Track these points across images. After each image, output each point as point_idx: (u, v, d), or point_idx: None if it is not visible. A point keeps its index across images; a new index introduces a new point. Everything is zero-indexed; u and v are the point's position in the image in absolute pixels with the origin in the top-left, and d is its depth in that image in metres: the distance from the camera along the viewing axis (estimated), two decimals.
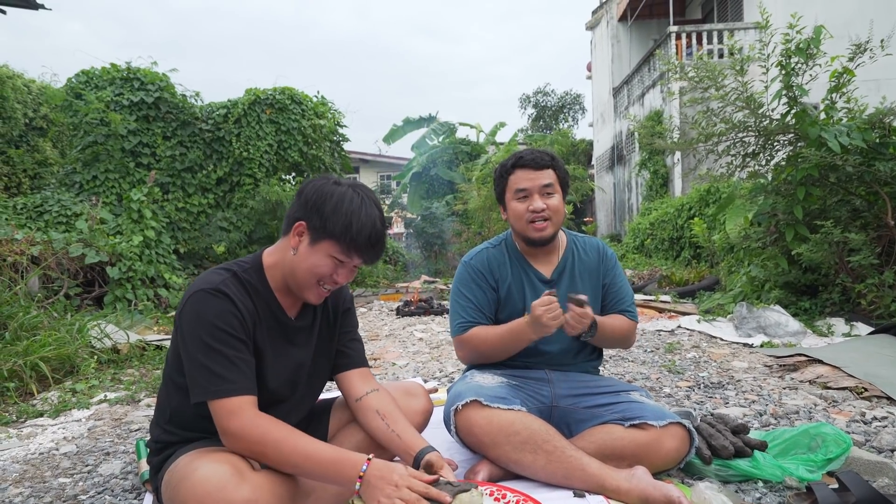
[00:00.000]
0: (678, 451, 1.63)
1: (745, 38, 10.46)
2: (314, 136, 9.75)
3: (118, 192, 8.28)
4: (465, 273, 1.95)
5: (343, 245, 1.34)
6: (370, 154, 22.30)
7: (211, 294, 1.33)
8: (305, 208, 1.37)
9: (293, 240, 1.39)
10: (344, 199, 1.35)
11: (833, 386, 2.76)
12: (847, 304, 4.43)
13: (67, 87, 8.64)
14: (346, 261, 1.38)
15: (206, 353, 1.29)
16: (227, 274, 1.39)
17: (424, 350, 4.23)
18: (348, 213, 1.33)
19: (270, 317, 1.44)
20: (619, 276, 2.00)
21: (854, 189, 4.35)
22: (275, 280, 1.45)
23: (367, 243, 1.35)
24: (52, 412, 2.79)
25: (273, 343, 1.44)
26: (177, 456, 1.34)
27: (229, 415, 1.28)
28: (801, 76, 4.40)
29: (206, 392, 1.29)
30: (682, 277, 7.52)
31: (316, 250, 1.36)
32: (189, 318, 1.32)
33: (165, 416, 1.44)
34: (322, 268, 1.37)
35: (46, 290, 5.16)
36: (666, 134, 6.42)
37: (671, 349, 3.86)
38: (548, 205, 1.84)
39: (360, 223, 1.33)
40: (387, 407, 1.51)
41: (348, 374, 1.59)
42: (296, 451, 1.28)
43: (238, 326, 1.33)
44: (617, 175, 15.91)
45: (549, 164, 1.87)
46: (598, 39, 18.37)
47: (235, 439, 1.29)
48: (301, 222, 1.37)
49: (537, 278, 1.94)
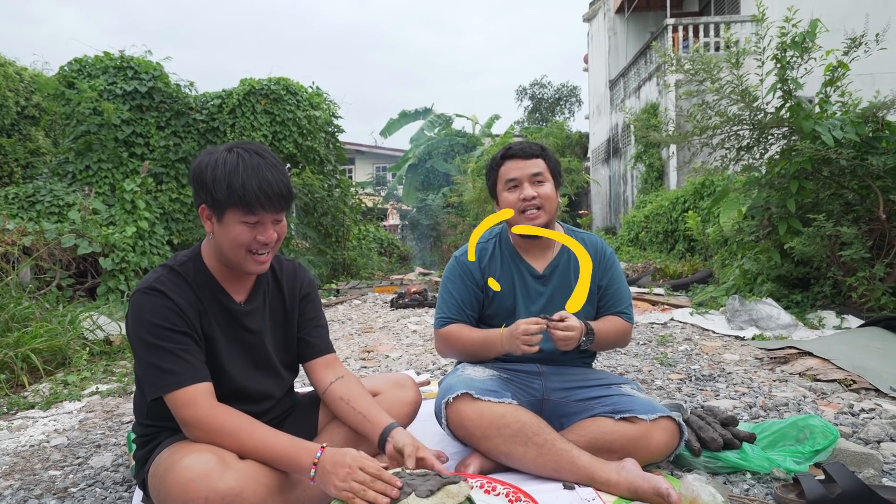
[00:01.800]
0: (668, 444, 1.65)
1: (742, 32, 10.45)
2: (309, 128, 9.71)
3: (111, 182, 8.23)
4: (453, 268, 1.94)
5: (241, 207, 1.30)
6: (366, 146, 22.25)
7: (146, 293, 1.35)
8: (196, 190, 1.36)
9: (206, 224, 1.39)
10: (218, 164, 1.31)
11: (822, 378, 2.78)
12: (838, 297, 4.46)
13: (60, 75, 8.55)
14: (255, 219, 1.33)
15: (150, 350, 1.31)
16: (163, 271, 1.40)
17: (418, 342, 4.23)
18: (226, 175, 1.29)
19: (216, 304, 1.44)
20: (616, 276, 1.97)
21: (847, 183, 4.36)
22: (215, 267, 1.45)
23: (259, 194, 1.29)
24: (43, 404, 2.78)
25: (223, 329, 1.44)
26: (161, 448, 1.35)
27: (184, 406, 1.30)
28: (796, 70, 4.40)
29: (158, 388, 1.31)
30: (675, 270, 7.55)
31: (225, 224, 1.34)
32: (130, 321, 1.35)
33: (143, 413, 1.45)
34: (241, 237, 1.34)
35: (38, 281, 5.14)
36: (661, 127, 6.42)
37: (664, 342, 3.88)
38: (539, 192, 1.83)
39: (241, 179, 1.29)
40: (351, 391, 1.52)
41: (313, 363, 1.60)
42: (252, 440, 1.30)
43: (177, 320, 1.34)
44: (612, 168, 15.91)
45: (538, 153, 1.86)
46: (594, 31, 18.30)
47: (193, 429, 1.30)
48: (202, 206, 1.36)
49: (529, 273, 1.92)
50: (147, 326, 1.32)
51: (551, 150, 1.96)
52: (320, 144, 10.00)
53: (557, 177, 1.89)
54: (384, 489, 1.20)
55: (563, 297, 1.90)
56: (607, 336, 1.86)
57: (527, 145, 1.88)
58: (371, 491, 1.20)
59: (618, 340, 1.93)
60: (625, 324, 1.93)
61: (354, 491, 1.20)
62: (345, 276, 10.41)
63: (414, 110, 19.14)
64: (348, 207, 10.63)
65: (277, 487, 1.31)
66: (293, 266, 1.63)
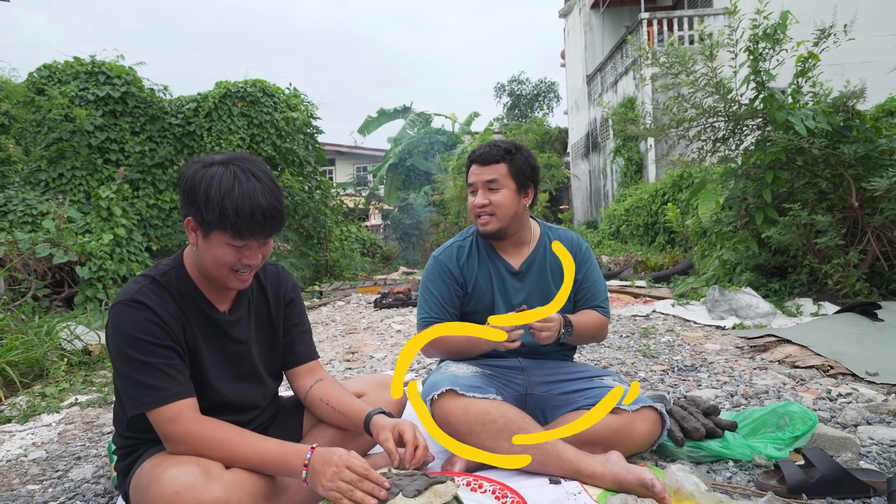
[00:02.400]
0: (651, 434, 1.67)
1: (715, 25, 10.58)
2: (287, 129, 9.62)
3: (86, 189, 8.07)
4: (432, 268, 1.95)
5: (230, 231, 1.25)
6: (346, 146, 22.12)
7: (127, 305, 1.29)
8: (185, 202, 1.29)
9: (190, 236, 1.33)
10: (213, 182, 1.24)
11: (801, 365, 2.83)
12: (815, 285, 4.55)
13: (29, 82, 8.35)
14: (243, 243, 1.29)
15: (132, 365, 1.27)
16: (144, 281, 1.34)
17: (402, 342, 4.23)
18: (219, 197, 1.22)
19: (199, 315, 1.39)
20: (592, 270, 1.97)
21: (820, 172, 4.44)
22: (197, 277, 1.40)
23: (250, 221, 1.24)
24: (20, 418, 2.72)
25: (207, 340, 1.40)
26: (143, 459, 1.32)
27: (169, 422, 1.27)
28: (768, 61, 4.46)
29: (140, 404, 1.27)
30: (657, 262, 7.63)
31: (210, 243, 1.29)
32: (111, 333, 1.30)
33: (123, 425, 1.42)
34: (224, 257, 1.29)
35: (13, 293, 5.03)
36: (638, 120, 6.47)
37: (646, 334, 3.92)
38: (490, 199, 1.82)
39: (235, 204, 1.22)
40: (329, 391, 1.52)
41: (296, 370, 1.58)
42: (241, 449, 1.28)
43: (160, 333, 1.29)
44: (592, 162, 16.03)
45: (498, 158, 1.83)
46: (571, 27, 18.40)
47: (179, 444, 1.27)
48: (188, 218, 1.30)
49: (506, 269, 1.93)
50: (129, 340, 1.27)
51: (527, 149, 1.92)
52: (299, 146, 9.91)
53: (526, 180, 1.86)
54: (371, 489, 1.20)
55: (540, 293, 1.92)
56: (585, 329, 1.87)
57: (488, 150, 1.85)
58: (358, 491, 1.19)
59: (596, 334, 1.94)
60: (601, 318, 1.94)
61: (342, 491, 1.19)
62: (328, 278, 10.34)
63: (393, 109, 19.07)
64: (329, 209, 10.56)
65: (263, 496, 1.29)
66: (276, 270, 1.60)
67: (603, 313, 1.95)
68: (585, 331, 1.87)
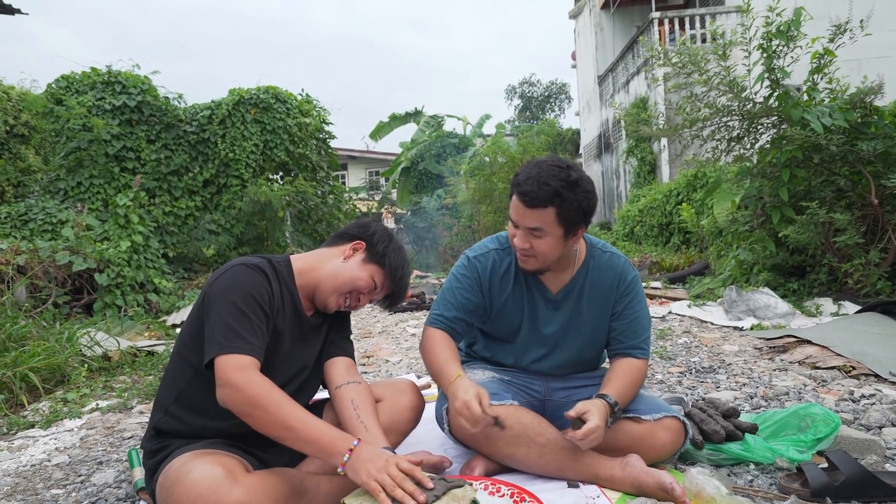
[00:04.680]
0: (673, 443, 1.63)
1: (727, 23, 10.50)
2: (300, 135, 9.70)
3: (104, 197, 8.19)
4: (464, 268, 1.79)
5: (388, 277, 1.62)
6: (357, 150, 22.21)
7: (250, 268, 1.46)
8: (371, 236, 1.63)
9: (347, 252, 1.61)
10: (402, 249, 1.67)
11: (822, 366, 2.79)
12: (834, 284, 4.48)
13: (48, 92, 8.52)
14: (378, 289, 1.62)
15: (233, 313, 1.37)
16: (263, 260, 1.53)
17: (417, 346, 4.23)
18: (403, 259, 1.65)
19: (293, 309, 1.55)
20: (634, 304, 1.76)
21: (838, 169, 4.38)
22: (302, 280, 1.58)
23: (401, 288, 1.66)
24: (43, 423, 2.76)
25: (291, 330, 1.54)
26: (172, 457, 1.35)
27: (236, 368, 1.31)
28: (782, 58, 4.42)
29: (221, 347, 1.33)
30: (671, 263, 7.57)
31: (365, 268, 1.60)
32: (223, 285, 1.41)
33: (171, 397, 1.47)
34: (361, 282, 1.58)
35: (34, 300, 5.11)
36: (651, 120, 6.43)
37: (662, 335, 3.88)
38: (532, 244, 1.61)
39: (403, 270, 1.64)
40: (362, 399, 1.55)
41: (335, 360, 1.64)
42: (290, 416, 1.30)
43: (267, 300, 1.45)
44: (605, 163, 15.95)
45: (545, 202, 1.53)
46: (581, 28, 18.35)
47: (235, 390, 1.30)
48: (362, 242, 1.62)
49: (541, 295, 1.77)
50: (242, 294, 1.39)
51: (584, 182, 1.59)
52: (312, 151, 9.99)
53: (576, 223, 1.59)
54: (413, 491, 1.23)
55: (571, 329, 1.78)
56: (629, 396, 1.66)
57: (536, 189, 1.53)
58: (399, 489, 1.23)
59: (637, 389, 1.71)
60: (639, 366, 1.72)
61: (384, 483, 1.23)
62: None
63: (404, 113, 19.12)
64: (343, 213, 10.62)
65: (285, 499, 1.31)
66: None
67: (641, 356, 1.74)
68: (629, 396, 1.67)
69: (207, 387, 1.36)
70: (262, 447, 1.48)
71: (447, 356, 1.67)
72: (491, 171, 11.24)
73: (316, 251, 1.67)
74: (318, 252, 1.65)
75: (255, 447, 1.48)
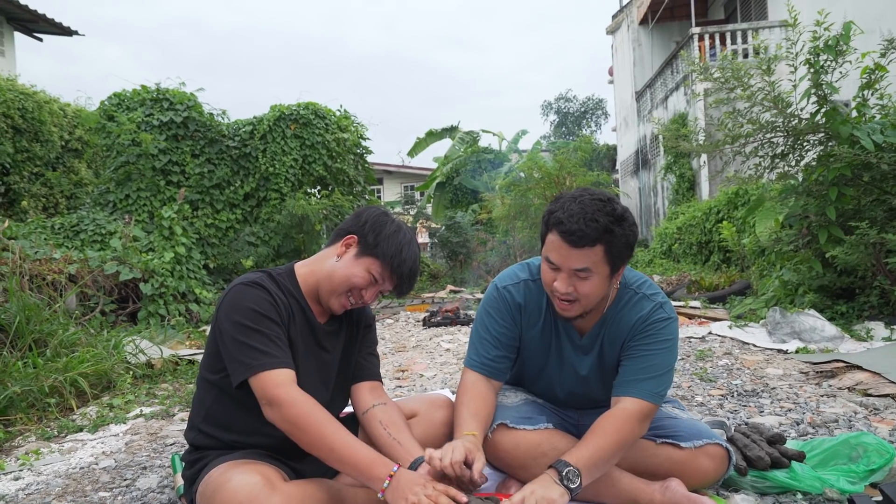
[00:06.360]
0: (716, 470, 1.59)
1: (771, 37, 10.29)
2: (338, 150, 9.88)
3: (150, 209, 8.50)
4: (493, 299, 1.68)
5: (385, 267, 1.50)
6: (393, 165, 22.46)
7: (249, 286, 1.44)
8: (361, 226, 1.53)
9: (340, 249, 1.54)
10: (399, 231, 1.53)
11: (874, 393, 2.67)
12: (886, 308, 4.30)
13: (101, 109, 8.92)
14: (379, 282, 1.52)
15: (246, 333, 1.37)
16: (262, 274, 1.52)
17: (452, 361, 4.23)
18: (400, 243, 1.51)
19: (302, 317, 1.53)
20: (650, 347, 1.56)
21: (889, 188, 4.23)
22: (306, 286, 1.56)
23: (405, 273, 1.52)
24: (90, 427, 2.86)
25: (303, 340, 1.52)
26: (210, 467, 1.38)
27: (275, 386, 1.33)
28: (830, 74, 4.30)
29: (249, 368, 1.34)
30: (711, 282, 7.38)
31: (358, 263, 1.51)
32: (228, 308, 1.41)
33: (200, 416, 1.50)
34: (357, 279, 1.50)
35: (83, 308, 5.31)
36: (691, 136, 6.33)
37: (702, 356, 3.79)
38: (577, 288, 1.46)
39: (405, 255, 1.51)
40: (390, 418, 1.55)
41: (360, 385, 1.64)
42: (334, 438, 1.32)
43: (275, 312, 1.43)
44: (642, 179, 15.73)
45: (594, 240, 1.39)
46: (618, 44, 18.25)
47: (284, 407, 1.32)
48: (353, 236, 1.53)
49: (568, 338, 1.67)
50: (246, 312, 1.39)
51: (630, 215, 1.46)
52: (349, 166, 10.16)
53: (622, 260, 1.47)
54: None
55: (600, 372, 1.68)
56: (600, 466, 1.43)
57: (583, 227, 1.39)
58: None
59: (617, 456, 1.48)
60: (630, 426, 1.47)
61: (421, 502, 1.23)
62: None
63: (441, 129, 19.30)
64: None
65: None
66: None
67: (651, 400, 1.51)
68: (600, 467, 1.44)
69: (234, 405, 1.40)
70: (296, 458, 1.50)
71: (469, 411, 1.56)
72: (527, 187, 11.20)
73: (318, 253, 1.62)
74: (319, 254, 1.61)
75: (290, 458, 1.50)
